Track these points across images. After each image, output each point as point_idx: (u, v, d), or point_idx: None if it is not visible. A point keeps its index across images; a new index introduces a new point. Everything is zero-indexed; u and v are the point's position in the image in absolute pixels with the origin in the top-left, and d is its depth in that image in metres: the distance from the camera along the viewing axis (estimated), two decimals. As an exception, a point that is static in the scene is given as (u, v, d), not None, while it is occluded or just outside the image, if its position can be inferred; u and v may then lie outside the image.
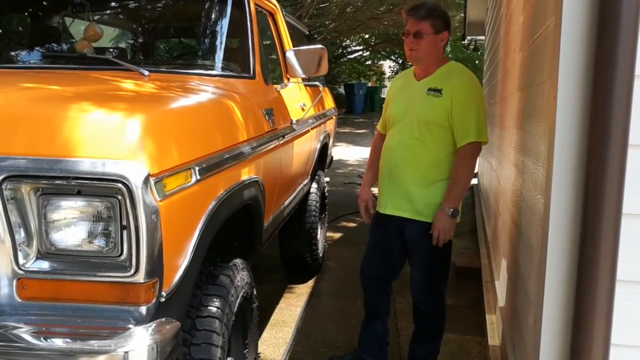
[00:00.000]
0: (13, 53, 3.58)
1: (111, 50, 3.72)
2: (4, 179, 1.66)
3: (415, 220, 2.93)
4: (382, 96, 29.69)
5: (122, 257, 1.72)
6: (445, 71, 2.88)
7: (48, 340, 1.69)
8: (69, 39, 3.69)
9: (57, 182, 1.67)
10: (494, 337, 3.42)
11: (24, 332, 1.71)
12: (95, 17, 3.48)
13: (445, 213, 2.83)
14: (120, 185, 1.65)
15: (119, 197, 1.67)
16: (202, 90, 2.65)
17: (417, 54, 2.85)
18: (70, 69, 2.88)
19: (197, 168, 2.00)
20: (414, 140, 2.86)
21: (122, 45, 4.15)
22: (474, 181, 8.73)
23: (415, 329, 3.23)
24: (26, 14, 3.88)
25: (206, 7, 3.32)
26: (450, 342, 3.74)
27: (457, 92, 2.79)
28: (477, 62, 23.38)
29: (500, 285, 3.53)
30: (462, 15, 12.60)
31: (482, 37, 10.60)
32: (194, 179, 1.98)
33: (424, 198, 2.89)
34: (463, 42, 16.62)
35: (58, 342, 1.69)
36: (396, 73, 33.81)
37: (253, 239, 2.90)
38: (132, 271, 1.71)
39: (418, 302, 3.15)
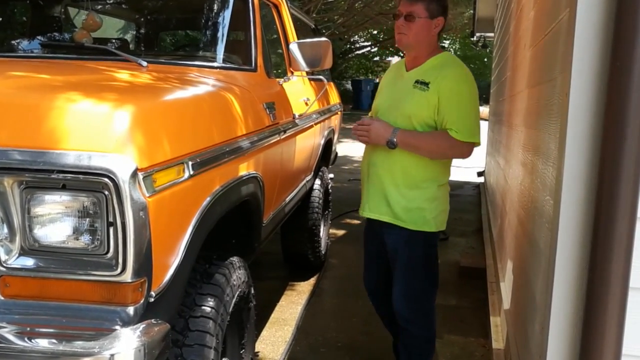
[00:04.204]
0: (13, 42, 3.52)
1: (112, 40, 3.66)
2: None
3: (394, 225, 2.68)
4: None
5: (109, 255, 1.65)
6: (435, 63, 2.62)
7: (32, 340, 1.64)
8: (69, 28, 3.62)
9: (41, 175, 1.60)
10: (498, 340, 3.35)
11: (7, 332, 1.65)
12: (98, 7, 3.41)
13: (390, 129, 2.52)
14: (106, 179, 1.58)
15: (106, 192, 1.60)
16: (200, 82, 2.57)
17: (407, 38, 2.59)
18: (69, 59, 2.81)
19: (190, 163, 1.93)
20: None
21: (124, 35, 4.08)
22: (480, 180, 8.64)
23: (400, 354, 2.91)
24: (28, 2, 3.81)
25: (209, -3, 3.25)
26: (453, 344, 3.67)
27: (447, 88, 2.53)
28: (485, 59, 23.28)
29: (506, 287, 3.45)
30: (472, 11, 12.49)
31: (492, 34, 10.50)
32: (187, 174, 1.90)
33: (403, 202, 2.64)
34: (472, 39, 16.48)
35: (42, 343, 1.63)
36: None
37: (251, 236, 2.82)
38: (119, 270, 1.64)
39: (401, 321, 2.79)
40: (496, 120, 6.09)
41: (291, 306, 4.26)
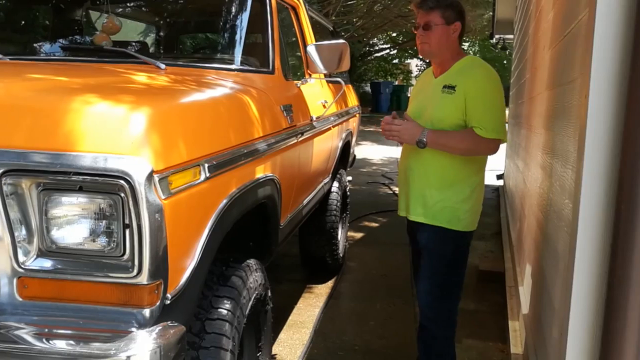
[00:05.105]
0: (34, 45, 3.56)
1: (132, 43, 3.68)
2: (4, 173, 1.61)
3: (427, 224, 2.71)
4: (409, 95, 29.59)
5: (125, 257, 1.65)
6: (460, 66, 2.68)
7: (49, 342, 1.65)
8: (89, 32, 3.66)
9: (58, 177, 1.61)
10: (516, 345, 3.30)
11: (25, 333, 1.66)
12: (118, 10, 3.44)
13: (420, 129, 2.57)
14: (122, 182, 1.59)
15: (122, 194, 1.61)
16: (217, 85, 2.58)
17: (429, 47, 2.67)
18: (88, 62, 2.84)
19: (206, 165, 1.93)
20: None
21: (143, 38, 4.11)
22: (500, 182, 8.56)
23: (420, 353, 2.91)
24: (49, 5, 3.86)
25: (227, 0, 3.26)
26: (471, 348, 3.64)
27: (472, 88, 2.58)
28: (505, 62, 23.09)
29: (524, 292, 3.41)
30: (491, 13, 12.40)
31: (511, 36, 10.40)
32: (203, 176, 1.90)
33: (440, 202, 2.67)
34: (491, 41, 16.37)
35: (59, 344, 1.64)
36: (423, 72, 33.70)
37: (268, 238, 2.82)
38: (135, 272, 1.65)
39: (423, 319, 2.83)
40: (515, 123, 6.04)
41: (309, 309, 4.25)
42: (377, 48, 26.03)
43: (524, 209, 4.08)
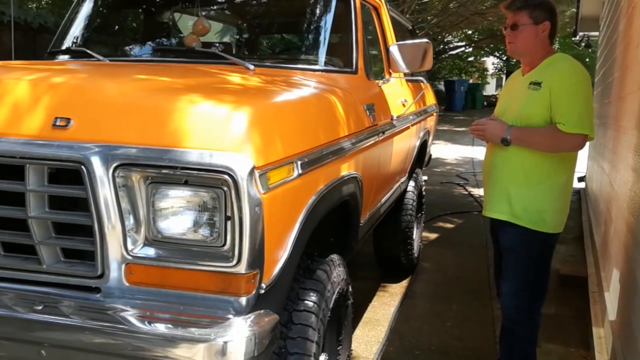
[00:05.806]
0: (128, 47, 3.76)
1: (218, 44, 3.81)
2: (117, 167, 1.73)
3: (511, 223, 2.68)
4: (485, 93, 28.97)
5: (225, 248, 1.74)
6: (547, 63, 2.65)
7: (152, 325, 1.75)
8: (178, 33, 3.81)
9: (165, 171, 1.71)
10: (601, 352, 3.22)
11: (130, 315, 1.77)
12: (203, 13, 3.58)
13: (504, 127, 2.62)
14: (226, 176, 1.68)
15: (225, 188, 1.70)
16: (305, 85, 2.66)
17: (515, 47, 2.69)
18: (180, 62, 2.97)
19: (299, 162, 2.01)
20: None
21: (229, 39, 4.25)
22: (582, 185, 8.30)
23: (501, 352, 2.92)
24: (140, 10, 4.05)
25: (311, 2, 3.33)
26: (552, 353, 3.57)
27: (556, 82, 2.55)
28: (587, 59, 22.29)
29: (611, 297, 3.31)
30: (574, 10, 12.01)
31: (596, 33, 10.03)
32: (295, 173, 1.98)
33: (524, 201, 2.64)
34: (574, 38, 15.81)
35: (161, 328, 1.74)
36: (499, 70, 32.89)
37: (349, 235, 2.87)
38: (235, 262, 1.73)
39: (505, 320, 2.83)
40: (600, 123, 5.84)
41: (383, 307, 4.27)
42: (452, 46, 25.66)
43: (610, 213, 3.96)
